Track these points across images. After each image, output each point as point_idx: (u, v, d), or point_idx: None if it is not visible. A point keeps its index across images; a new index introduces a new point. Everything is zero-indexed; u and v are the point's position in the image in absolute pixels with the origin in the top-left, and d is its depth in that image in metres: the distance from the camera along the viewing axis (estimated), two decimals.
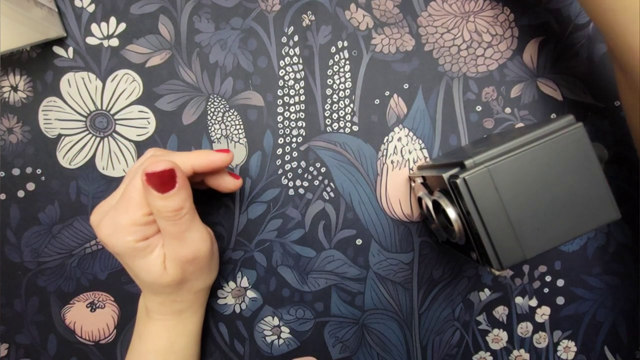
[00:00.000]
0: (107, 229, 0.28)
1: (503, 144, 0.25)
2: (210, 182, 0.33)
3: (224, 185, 0.33)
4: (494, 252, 0.24)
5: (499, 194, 0.24)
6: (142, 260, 0.29)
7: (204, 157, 0.30)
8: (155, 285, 0.30)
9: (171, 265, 0.29)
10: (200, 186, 0.34)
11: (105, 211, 0.29)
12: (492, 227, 0.24)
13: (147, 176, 0.26)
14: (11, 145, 0.36)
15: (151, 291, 0.31)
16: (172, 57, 0.36)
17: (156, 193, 0.27)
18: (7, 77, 0.36)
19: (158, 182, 0.26)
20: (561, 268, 0.38)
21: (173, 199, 0.27)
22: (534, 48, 0.37)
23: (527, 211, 0.24)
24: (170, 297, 0.31)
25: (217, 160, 0.30)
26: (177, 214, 0.28)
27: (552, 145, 0.24)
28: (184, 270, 0.30)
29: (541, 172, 0.24)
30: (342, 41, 0.37)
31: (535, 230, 0.24)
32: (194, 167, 0.30)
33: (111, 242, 0.28)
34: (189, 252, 0.29)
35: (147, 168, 0.27)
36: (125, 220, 0.28)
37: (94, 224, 0.29)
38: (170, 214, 0.27)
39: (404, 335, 0.38)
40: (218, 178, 0.33)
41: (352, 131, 0.37)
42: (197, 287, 0.33)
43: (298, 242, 0.37)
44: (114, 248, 0.28)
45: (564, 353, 0.38)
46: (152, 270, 0.29)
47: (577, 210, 0.24)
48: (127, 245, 0.28)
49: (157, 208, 0.27)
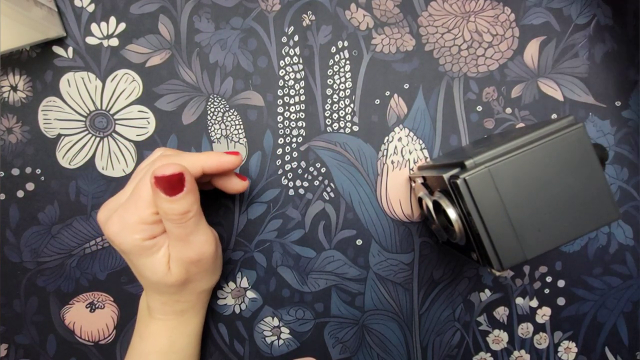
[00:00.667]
0: (115, 227, 0.28)
1: (504, 144, 0.25)
2: (218, 184, 0.33)
3: (231, 186, 0.33)
4: (494, 253, 0.24)
5: (500, 195, 0.24)
6: (147, 259, 0.29)
7: (214, 159, 0.30)
8: (159, 284, 0.30)
9: (175, 265, 0.29)
10: (206, 187, 0.34)
11: (113, 208, 0.29)
12: (492, 227, 0.24)
13: (155, 179, 0.26)
14: (11, 145, 0.36)
15: (155, 290, 0.31)
16: (172, 57, 0.36)
17: (164, 196, 0.27)
18: (7, 77, 0.36)
19: (167, 185, 0.27)
20: (562, 269, 0.38)
21: (180, 203, 0.27)
22: (534, 48, 0.37)
23: (528, 211, 0.24)
24: (173, 297, 0.31)
25: (227, 162, 0.31)
26: (183, 217, 0.28)
27: (553, 146, 0.24)
28: (188, 271, 0.30)
29: (542, 172, 0.24)
30: (343, 41, 0.37)
31: (536, 231, 0.24)
32: (204, 169, 0.30)
33: (118, 239, 0.28)
34: (194, 254, 0.29)
35: (156, 171, 0.27)
36: (134, 219, 0.28)
37: (102, 220, 0.29)
38: (176, 216, 0.28)
39: (404, 335, 0.38)
40: (225, 180, 0.33)
41: (353, 131, 0.37)
42: (201, 288, 0.33)
43: (298, 242, 0.37)
44: (120, 245, 0.28)
45: (565, 354, 0.38)
46: (157, 269, 0.29)
47: (578, 210, 0.24)
48: (135, 243, 0.28)
49: (164, 210, 0.27)
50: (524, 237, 0.24)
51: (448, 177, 0.25)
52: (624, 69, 0.37)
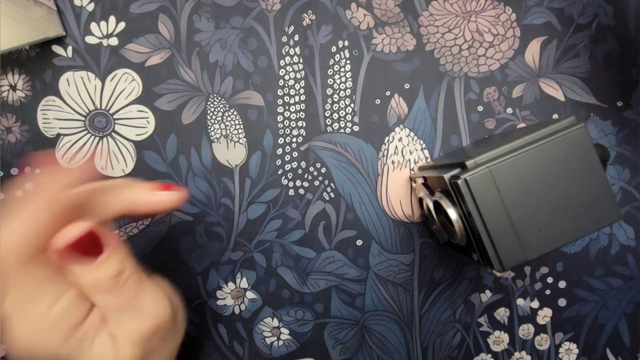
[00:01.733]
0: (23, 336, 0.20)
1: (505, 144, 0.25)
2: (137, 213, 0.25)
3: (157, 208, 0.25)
4: (495, 253, 0.24)
5: (501, 195, 0.24)
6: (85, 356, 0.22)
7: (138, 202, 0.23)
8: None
9: (126, 346, 0.22)
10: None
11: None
12: (493, 227, 0.24)
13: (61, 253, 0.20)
14: (10, 144, 0.36)
15: None
16: (172, 56, 0.36)
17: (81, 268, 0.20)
18: (6, 76, 0.36)
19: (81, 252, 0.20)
20: (563, 269, 0.37)
21: (107, 266, 0.21)
22: (535, 48, 0.37)
23: (529, 212, 0.24)
24: None
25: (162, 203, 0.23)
26: (118, 281, 0.21)
27: (554, 146, 0.24)
28: (144, 347, 0.23)
29: (543, 173, 0.24)
30: (343, 41, 0.37)
31: (537, 231, 0.24)
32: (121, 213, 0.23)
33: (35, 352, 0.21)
34: (148, 322, 0.23)
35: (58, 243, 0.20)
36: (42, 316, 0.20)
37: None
38: (109, 284, 0.21)
39: (404, 336, 0.38)
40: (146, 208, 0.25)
41: (353, 131, 0.37)
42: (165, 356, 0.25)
43: (298, 242, 0.37)
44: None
45: (566, 355, 0.38)
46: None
47: (579, 211, 0.24)
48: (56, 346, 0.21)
49: (90, 284, 0.21)
50: (525, 238, 0.24)
51: (449, 177, 0.25)
52: (625, 69, 0.37)
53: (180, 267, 0.37)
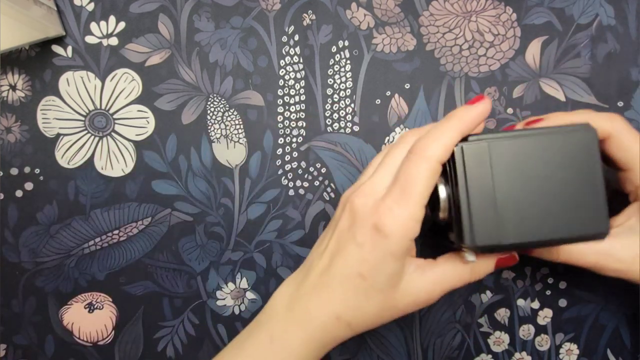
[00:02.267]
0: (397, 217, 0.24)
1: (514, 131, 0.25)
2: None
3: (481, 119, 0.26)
4: (469, 226, 0.24)
5: (492, 171, 0.23)
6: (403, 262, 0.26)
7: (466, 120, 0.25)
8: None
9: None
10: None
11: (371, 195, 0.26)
12: (475, 200, 0.23)
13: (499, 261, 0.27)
14: (9, 144, 0.36)
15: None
16: (172, 56, 0.36)
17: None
18: (6, 76, 0.36)
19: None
20: (564, 270, 0.37)
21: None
22: (536, 48, 0.37)
23: (516, 197, 0.23)
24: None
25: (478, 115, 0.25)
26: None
27: (560, 139, 0.24)
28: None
29: (542, 162, 0.23)
30: (343, 40, 0.37)
31: (518, 219, 0.23)
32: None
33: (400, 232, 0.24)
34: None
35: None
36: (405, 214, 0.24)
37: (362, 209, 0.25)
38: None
39: (404, 337, 0.38)
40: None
41: (353, 131, 0.37)
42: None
43: (298, 243, 0.37)
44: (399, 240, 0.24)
45: (566, 356, 0.38)
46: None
47: (567, 213, 0.24)
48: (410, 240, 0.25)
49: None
50: (504, 222, 0.23)
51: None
52: (626, 69, 0.37)
53: (180, 267, 0.37)
